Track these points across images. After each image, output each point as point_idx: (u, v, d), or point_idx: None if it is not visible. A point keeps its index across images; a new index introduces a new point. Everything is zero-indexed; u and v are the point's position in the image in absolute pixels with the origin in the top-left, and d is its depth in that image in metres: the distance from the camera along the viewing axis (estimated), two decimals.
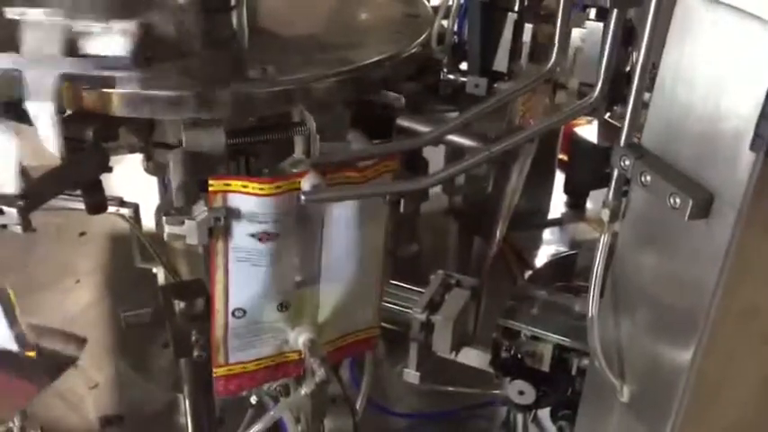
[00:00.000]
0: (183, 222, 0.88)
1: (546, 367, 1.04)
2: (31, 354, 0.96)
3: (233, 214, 0.86)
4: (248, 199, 0.85)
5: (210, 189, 0.84)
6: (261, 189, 0.84)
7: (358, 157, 0.90)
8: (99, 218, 1.09)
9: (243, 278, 0.89)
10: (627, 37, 0.95)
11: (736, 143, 0.61)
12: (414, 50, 1.04)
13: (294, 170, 0.91)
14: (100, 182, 0.98)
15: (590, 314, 0.81)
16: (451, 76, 1.11)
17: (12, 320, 0.92)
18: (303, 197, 0.85)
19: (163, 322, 1.00)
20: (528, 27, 1.04)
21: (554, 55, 0.85)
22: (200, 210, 0.87)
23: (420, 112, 1.09)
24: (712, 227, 0.66)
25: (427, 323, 1.14)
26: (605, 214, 0.78)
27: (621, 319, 0.82)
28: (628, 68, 1.03)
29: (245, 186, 0.84)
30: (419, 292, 1.19)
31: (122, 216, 1.17)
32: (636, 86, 0.71)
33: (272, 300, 0.92)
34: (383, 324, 1.11)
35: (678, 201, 0.67)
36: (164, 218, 0.90)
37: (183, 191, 0.96)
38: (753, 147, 0.59)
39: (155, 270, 1.26)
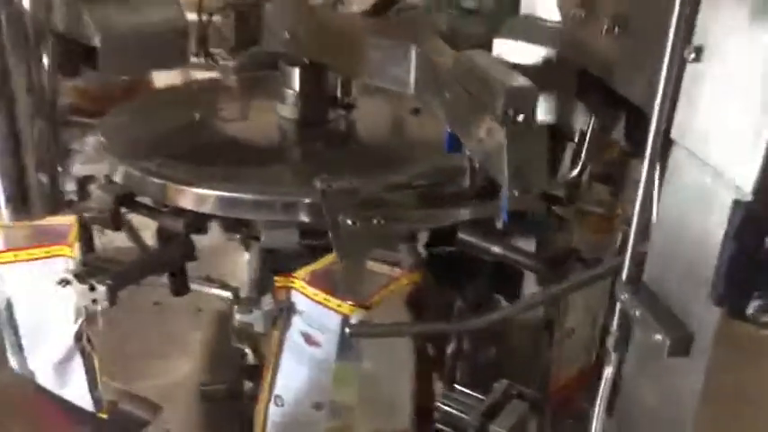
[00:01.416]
0: (251, 311, 1.00)
1: None
2: (103, 415, 1.09)
3: (292, 310, 0.97)
4: (306, 300, 0.95)
5: (276, 284, 0.96)
6: (315, 295, 0.95)
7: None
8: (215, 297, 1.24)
9: (288, 370, 0.99)
10: None
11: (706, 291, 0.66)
12: None
13: None
14: (184, 268, 1.13)
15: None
16: None
17: (92, 383, 1.06)
18: (348, 330, 0.94)
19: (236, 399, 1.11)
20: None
21: None
22: (268, 302, 0.98)
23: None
24: (689, 366, 0.69)
25: (482, 430, 1.18)
26: (610, 343, 0.82)
27: None
28: None
29: (305, 290, 0.95)
30: (480, 400, 1.24)
31: (224, 298, 1.31)
32: (633, 233, 0.76)
33: (308, 398, 1.00)
34: (440, 427, 1.17)
35: (660, 337, 0.71)
36: (234, 307, 1.02)
37: (256, 283, 1.09)
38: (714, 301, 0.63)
39: (246, 350, 1.39)
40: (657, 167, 0.72)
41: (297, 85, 1.30)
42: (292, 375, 0.99)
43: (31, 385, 1.13)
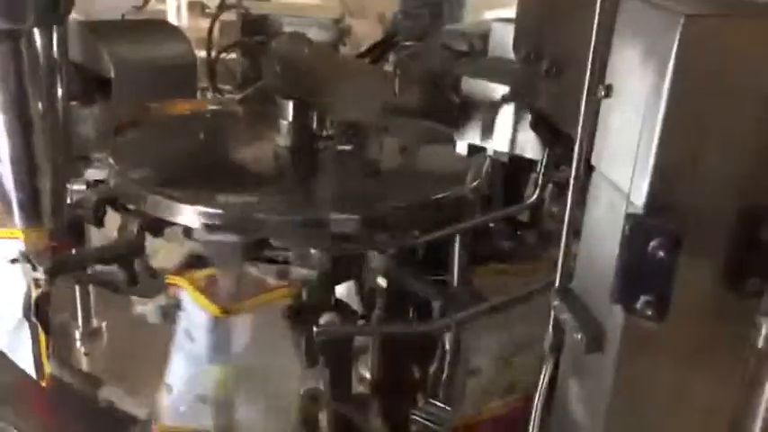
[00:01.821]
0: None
1: None
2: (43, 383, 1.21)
3: (179, 306, 1.09)
4: (188, 299, 1.07)
5: (167, 281, 1.11)
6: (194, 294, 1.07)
7: None
8: None
9: (175, 362, 1.10)
10: None
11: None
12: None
13: None
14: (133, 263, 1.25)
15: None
16: None
17: (37, 353, 1.18)
18: (315, 331, 1.06)
19: None
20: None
21: None
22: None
23: None
24: (603, 362, 0.80)
25: None
26: (546, 345, 0.92)
27: None
28: None
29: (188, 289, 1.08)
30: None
31: None
32: (563, 248, 0.87)
33: (192, 389, 1.10)
34: None
35: (580, 336, 0.81)
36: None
37: None
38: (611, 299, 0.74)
39: None
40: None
41: (290, 116, 1.43)
42: (178, 367, 1.10)
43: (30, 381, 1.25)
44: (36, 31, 1.10)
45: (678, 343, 0.75)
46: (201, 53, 2.05)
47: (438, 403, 1.33)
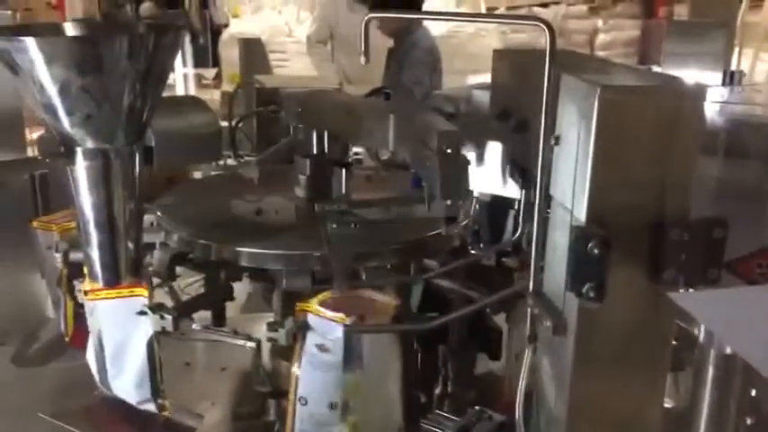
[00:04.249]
0: (277, 330, 1.36)
1: None
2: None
3: (308, 327, 1.33)
4: (317, 318, 1.32)
5: (297, 308, 1.34)
6: (324, 314, 1.32)
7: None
8: (239, 353, 1.60)
9: (307, 375, 1.34)
10: None
11: None
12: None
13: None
14: (224, 307, 1.53)
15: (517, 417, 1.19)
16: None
17: (156, 392, 1.44)
18: (344, 328, 1.31)
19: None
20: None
21: None
22: (289, 323, 1.35)
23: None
24: (566, 343, 1.07)
25: None
26: (526, 336, 1.18)
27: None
28: None
29: (317, 311, 1.33)
30: (456, 421, 1.58)
31: (248, 348, 1.67)
32: (534, 257, 1.14)
33: (324, 398, 1.32)
34: None
35: (548, 323, 1.08)
36: (265, 326, 1.39)
37: (279, 314, 1.47)
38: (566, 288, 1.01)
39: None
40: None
41: (307, 171, 1.72)
42: (311, 379, 1.33)
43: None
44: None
45: (617, 321, 1.03)
46: (222, 123, 2.35)
47: (444, 413, 1.60)
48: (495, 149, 1.38)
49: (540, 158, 1.08)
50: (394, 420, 1.44)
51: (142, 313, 1.39)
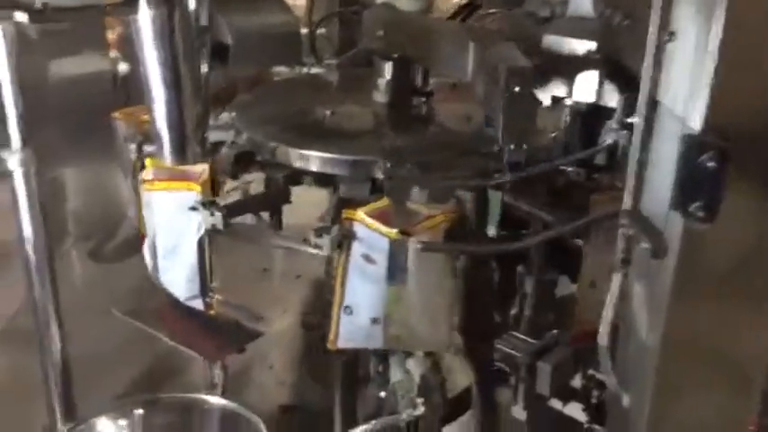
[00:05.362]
0: (322, 236, 1.29)
1: None
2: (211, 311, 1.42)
3: (354, 236, 1.26)
4: (364, 228, 1.25)
5: (343, 216, 1.26)
6: (371, 224, 1.24)
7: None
8: (313, 263, 1.55)
9: (353, 284, 1.26)
10: None
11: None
12: None
13: None
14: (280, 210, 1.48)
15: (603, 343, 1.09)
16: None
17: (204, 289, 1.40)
18: (419, 246, 1.23)
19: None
20: None
21: None
22: (335, 230, 1.28)
23: None
24: (664, 266, 0.95)
25: (531, 367, 1.45)
26: (617, 260, 1.08)
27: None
28: None
29: (363, 220, 1.25)
30: (532, 343, 1.50)
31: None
32: (632, 169, 1.02)
33: (367, 312, 1.26)
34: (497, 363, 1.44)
35: (646, 246, 0.97)
36: (311, 233, 1.31)
37: (330, 221, 1.41)
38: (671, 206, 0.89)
39: None
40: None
41: (388, 75, 1.61)
42: (357, 288, 1.26)
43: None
44: None
45: (726, 246, 0.90)
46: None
47: (520, 335, 1.51)
48: (590, 52, 1.25)
49: (649, 58, 0.95)
50: (441, 339, 1.36)
51: (193, 209, 1.34)
